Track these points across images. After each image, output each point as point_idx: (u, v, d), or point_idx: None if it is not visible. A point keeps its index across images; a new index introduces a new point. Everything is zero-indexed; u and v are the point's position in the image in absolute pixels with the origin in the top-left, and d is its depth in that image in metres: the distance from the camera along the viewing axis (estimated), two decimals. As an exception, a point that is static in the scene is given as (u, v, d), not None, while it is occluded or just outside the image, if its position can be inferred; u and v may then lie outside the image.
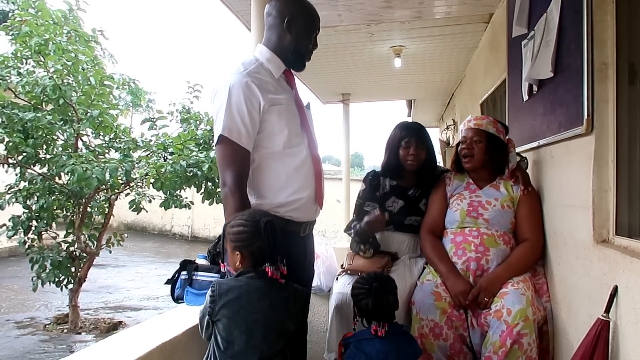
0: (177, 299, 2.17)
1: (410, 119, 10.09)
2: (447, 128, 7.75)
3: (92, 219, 5.48)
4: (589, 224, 1.63)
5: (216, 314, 1.45)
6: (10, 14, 5.05)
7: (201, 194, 5.11)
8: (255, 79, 1.62)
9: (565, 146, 1.91)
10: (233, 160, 1.59)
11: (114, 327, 5.41)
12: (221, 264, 1.60)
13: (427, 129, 2.48)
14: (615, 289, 1.42)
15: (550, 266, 2.08)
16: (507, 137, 2.24)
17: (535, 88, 2.30)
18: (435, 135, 9.74)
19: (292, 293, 1.53)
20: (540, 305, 1.96)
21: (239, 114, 1.58)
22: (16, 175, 5.06)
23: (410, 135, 2.32)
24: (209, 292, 1.51)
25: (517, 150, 2.52)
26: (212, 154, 4.84)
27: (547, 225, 2.14)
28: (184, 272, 2.19)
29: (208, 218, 12.37)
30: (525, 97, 2.45)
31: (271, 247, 1.46)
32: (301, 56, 1.75)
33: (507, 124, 2.96)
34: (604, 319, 1.42)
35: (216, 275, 2.13)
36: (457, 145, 2.28)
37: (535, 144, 2.28)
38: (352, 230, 2.30)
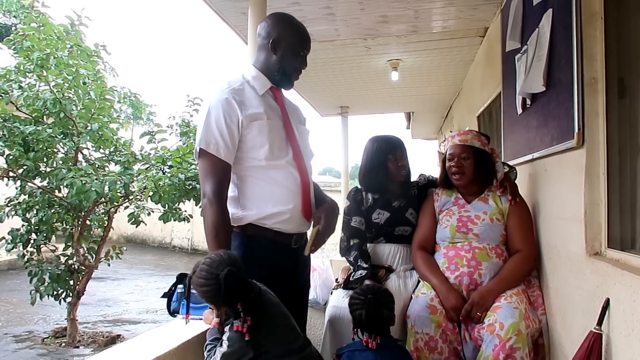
0: (174, 313, 2.18)
1: (409, 132, 10.14)
2: (445, 140, 7.78)
3: (91, 232, 5.49)
4: (582, 237, 1.64)
5: None
6: (13, 28, 5.10)
7: (200, 207, 5.11)
8: (236, 95, 1.68)
9: (558, 159, 1.93)
10: (211, 172, 1.63)
11: (112, 340, 5.37)
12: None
13: (426, 141, 2.50)
14: (607, 301, 1.42)
15: (545, 279, 2.08)
16: (490, 147, 2.24)
17: (528, 102, 2.33)
18: (434, 148, 9.77)
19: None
20: (535, 317, 1.96)
21: (217, 128, 1.63)
22: (16, 188, 5.08)
23: (397, 148, 2.36)
24: (225, 349, 1.47)
25: (513, 162, 2.55)
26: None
27: (542, 238, 2.15)
28: (180, 286, 2.20)
29: (208, 230, 12.33)
30: (520, 111, 2.48)
31: (232, 301, 1.43)
32: (287, 75, 1.79)
33: (502, 136, 2.99)
34: (597, 331, 1.43)
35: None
36: (443, 161, 2.27)
37: (529, 157, 2.30)
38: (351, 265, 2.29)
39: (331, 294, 2.29)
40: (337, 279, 2.37)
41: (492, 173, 2.20)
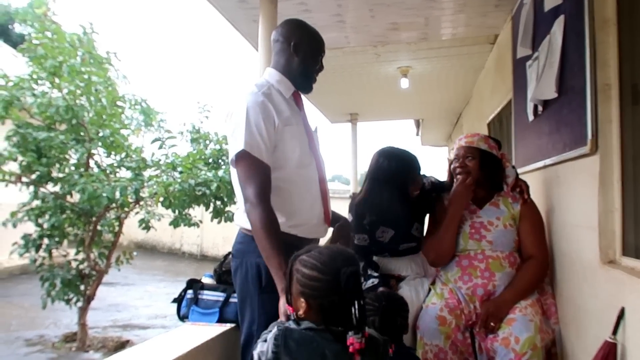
0: (183, 318, 2.19)
1: (418, 138, 10.12)
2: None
3: (102, 237, 5.53)
4: (596, 245, 1.62)
5: None
6: (26, 37, 5.20)
7: (210, 212, 5.14)
8: (269, 98, 1.67)
9: (571, 166, 1.91)
10: (254, 175, 1.58)
11: (121, 345, 5.39)
12: (288, 306, 1.34)
13: (436, 149, 2.48)
14: (622, 310, 1.40)
15: (558, 287, 2.05)
16: (500, 152, 2.20)
17: (540, 108, 2.31)
18: (444, 155, 9.73)
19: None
20: (548, 328, 1.93)
21: (257, 131, 1.59)
22: (30, 194, 5.14)
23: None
24: (271, 340, 1.23)
25: (524, 169, 2.52)
26: (220, 172, 4.89)
27: (555, 245, 2.12)
28: (189, 291, 2.21)
29: (217, 237, 12.37)
30: (531, 117, 2.46)
31: (352, 308, 1.19)
32: (308, 78, 1.80)
33: (513, 143, 2.97)
34: (611, 341, 1.40)
35: (222, 294, 2.14)
36: (450, 164, 2.23)
37: (541, 164, 2.28)
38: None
39: None
40: None
41: (502, 178, 2.16)
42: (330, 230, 1.90)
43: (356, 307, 1.20)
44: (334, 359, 1.19)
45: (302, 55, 1.75)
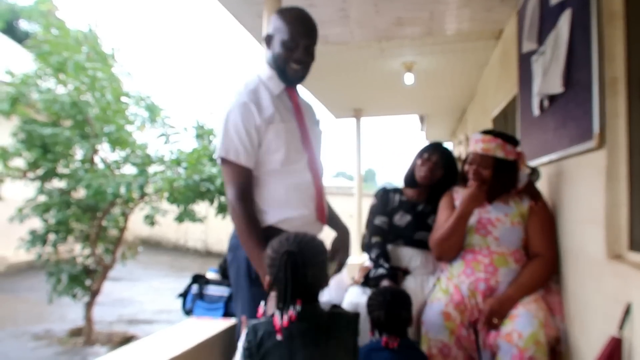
0: (188, 312, 2.20)
1: (423, 134, 10.09)
2: (460, 143, 7.72)
3: (107, 233, 5.57)
4: (602, 240, 1.61)
5: None
6: (32, 34, 5.23)
7: (214, 208, 5.16)
8: (254, 97, 1.66)
9: (577, 161, 1.89)
10: (233, 179, 1.63)
11: (127, 340, 5.43)
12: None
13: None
14: (629, 306, 1.39)
15: (563, 282, 2.04)
16: (517, 151, 2.15)
17: (546, 103, 2.29)
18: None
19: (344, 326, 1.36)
20: (553, 325, 1.91)
21: (236, 134, 1.62)
22: (36, 189, 5.17)
23: (433, 151, 2.36)
24: (242, 342, 1.31)
25: (530, 165, 2.50)
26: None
27: (560, 241, 2.10)
28: (194, 286, 2.22)
29: (222, 232, 12.40)
30: (537, 112, 2.45)
31: (286, 287, 1.26)
32: (282, 70, 1.71)
33: (518, 139, 2.95)
34: (617, 337, 1.39)
35: (226, 289, 2.15)
36: (463, 162, 2.22)
37: (546, 159, 2.27)
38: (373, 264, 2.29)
39: (347, 292, 2.30)
40: (353, 278, 2.38)
41: (514, 181, 2.12)
42: (328, 228, 1.88)
43: (289, 287, 1.26)
44: (302, 338, 1.27)
45: (274, 46, 1.71)
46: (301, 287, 1.28)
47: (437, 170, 2.34)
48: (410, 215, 2.36)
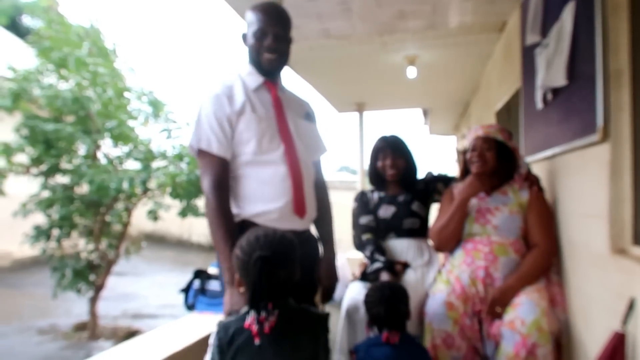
0: (190, 308, 2.21)
1: (427, 128, 10.06)
2: (463, 137, 7.70)
3: (111, 228, 5.58)
4: (605, 234, 1.60)
5: None
6: (34, 29, 5.23)
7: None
8: (227, 91, 1.69)
9: (580, 155, 1.88)
10: (207, 168, 1.64)
11: (131, 334, 5.47)
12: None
13: (444, 137, 2.51)
14: (633, 300, 1.38)
15: (566, 277, 2.03)
16: (512, 145, 2.23)
17: (549, 96, 2.28)
18: (452, 145, 9.67)
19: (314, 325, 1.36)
20: (555, 316, 1.92)
21: (207, 124, 1.64)
22: (39, 185, 5.19)
23: (385, 147, 2.42)
24: (213, 340, 1.32)
25: (533, 158, 2.50)
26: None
27: (563, 235, 2.10)
28: (196, 281, 2.23)
29: (225, 227, 12.43)
30: (540, 106, 2.43)
31: (258, 290, 1.25)
32: (256, 61, 1.74)
33: (522, 132, 2.94)
34: (621, 332, 1.39)
35: (229, 284, 2.15)
36: (464, 154, 2.27)
37: (550, 153, 2.25)
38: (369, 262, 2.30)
39: (347, 287, 2.31)
40: (353, 273, 2.39)
41: (514, 169, 2.19)
42: (310, 224, 1.83)
43: (264, 292, 1.25)
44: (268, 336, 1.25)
45: (248, 39, 1.74)
46: (273, 289, 1.28)
47: (398, 161, 2.40)
48: (393, 206, 2.40)
